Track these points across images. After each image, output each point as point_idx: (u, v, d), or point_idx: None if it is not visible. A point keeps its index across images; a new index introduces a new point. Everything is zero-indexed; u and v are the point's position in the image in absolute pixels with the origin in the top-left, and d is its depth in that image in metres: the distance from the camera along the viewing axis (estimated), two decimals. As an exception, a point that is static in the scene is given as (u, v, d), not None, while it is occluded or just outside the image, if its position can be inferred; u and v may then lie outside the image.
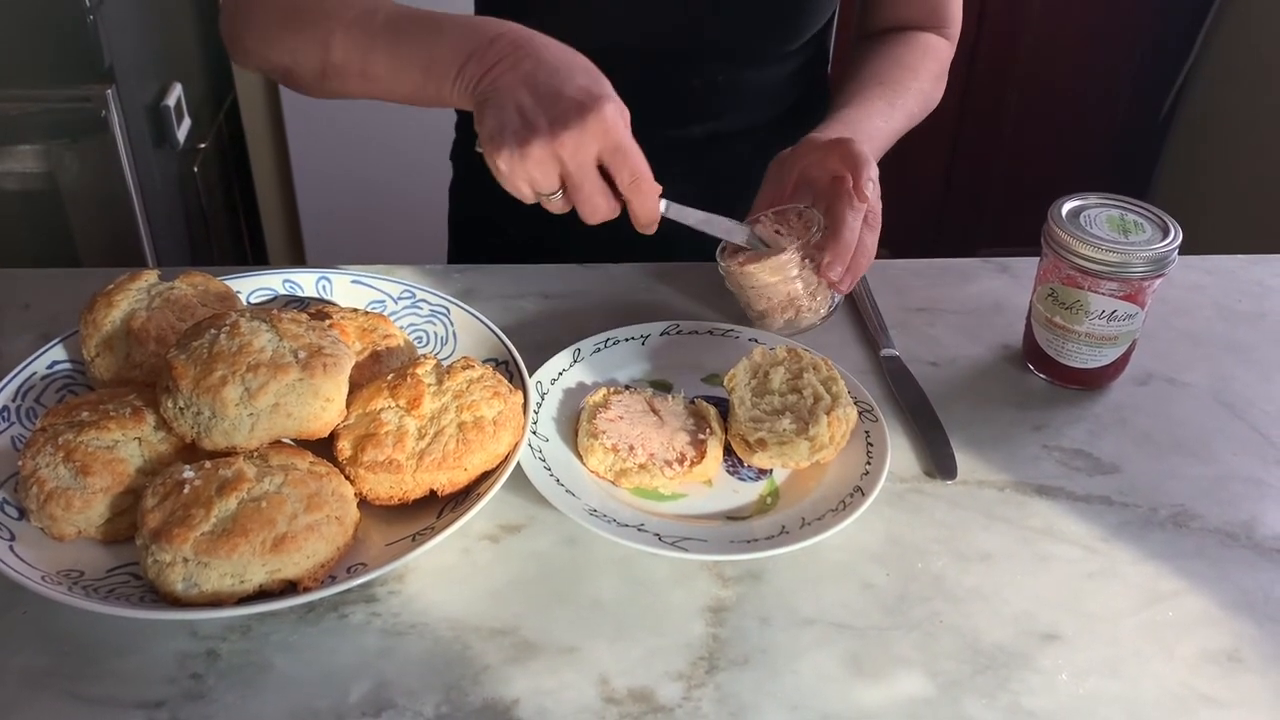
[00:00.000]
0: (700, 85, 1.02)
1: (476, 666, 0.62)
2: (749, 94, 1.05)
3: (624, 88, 1.01)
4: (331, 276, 0.86)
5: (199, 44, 2.16)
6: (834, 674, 0.62)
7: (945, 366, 0.88)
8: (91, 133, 1.66)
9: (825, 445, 0.73)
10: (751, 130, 1.07)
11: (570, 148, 0.70)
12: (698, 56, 1.01)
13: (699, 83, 1.02)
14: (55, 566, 0.64)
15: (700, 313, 0.93)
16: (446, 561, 0.68)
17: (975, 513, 0.74)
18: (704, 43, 1.00)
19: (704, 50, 1.00)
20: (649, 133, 1.04)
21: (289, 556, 0.61)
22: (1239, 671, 0.63)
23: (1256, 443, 0.81)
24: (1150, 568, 0.70)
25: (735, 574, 0.68)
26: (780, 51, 1.03)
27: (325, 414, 0.68)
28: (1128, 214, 0.82)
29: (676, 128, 1.05)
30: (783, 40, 1.01)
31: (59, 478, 0.65)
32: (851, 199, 0.81)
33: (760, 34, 1.00)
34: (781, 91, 1.07)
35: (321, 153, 2.25)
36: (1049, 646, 0.64)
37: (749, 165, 1.08)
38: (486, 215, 1.17)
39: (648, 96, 1.02)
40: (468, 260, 1.11)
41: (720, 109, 1.05)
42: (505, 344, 0.80)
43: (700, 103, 1.04)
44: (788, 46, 1.02)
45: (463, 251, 1.22)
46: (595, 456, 0.74)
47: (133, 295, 0.76)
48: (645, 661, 0.63)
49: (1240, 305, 0.97)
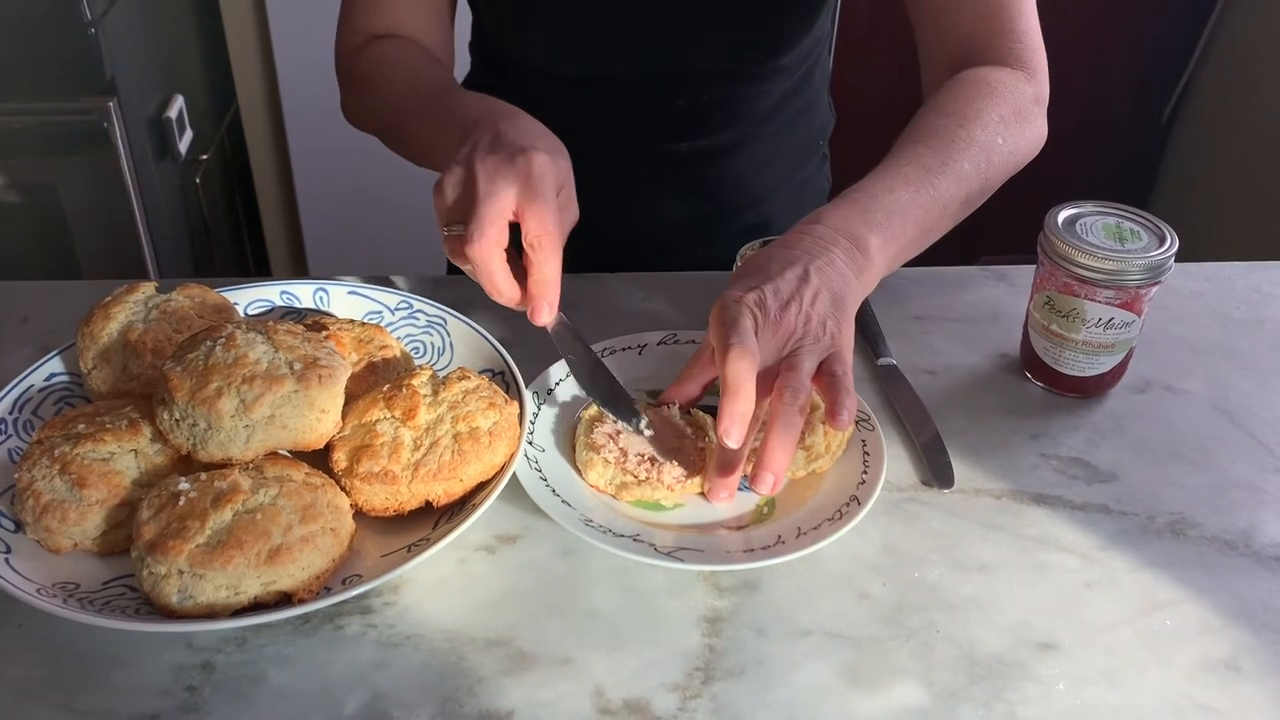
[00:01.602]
0: (686, 105, 1.02)
1: (472, 678, 0.62)
2: (738, 111, 1.05)
3: (612, 109, 1.03)
4: (329, 287, 0.86)
5: (201, 56, 2.17)
6: (830, 685, 0.62)
7: (942, 375, 0.88)
8: (93, 145, 1.66)
9: (821, 455, 0.73)
10: (743, 145, 1.07)
11: (488, 171, 0.70)
12: (682, 78, 1.01)
13: (684, 103, 1.02)
14: (51, 579, 0.64)
15: (697, 322, 0.93)
16: (442, 573, 0.68)
17: (972, 522, 0.74)
18: (687, 65, 1.00)
19: (688, 72, 1.01)
20: (638, 149, 1.05)
21: (284, 568, 0.61)
22: (1237, 680, 0.63)
23: (1255, 450, 0.81)
24: (1148, 576, 0.70)
25: (731, 584, 0.68)
26: (766, 69, 1.02)
27: (320, 425, 0.68)
28: (1124, 222, 0.82)
29: (665, 143, 1.05)
30: (765, 59, 1.01)
31: (55, 490, 0.65)
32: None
33: (741, 54, 1.00)
34: (773, 107, 1.06)
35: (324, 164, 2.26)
36: (1046, 656, 0.64)
37: (741, 179, 1.09)
38: None
39: (635, 117, 1.03)
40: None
41: (709, 126, 1.04)
42: (502, 355, 0.80)
43: (688, 121, 1.04)
44: (772, 64, 1.01)
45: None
46: (595, 470, 0.74)
47: (130, 307, 0.76)
48: (641, 672, 0.63)
49: (1238, 312, 0.97)
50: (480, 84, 1.13)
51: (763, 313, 0.70)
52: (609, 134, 1.04)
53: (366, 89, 0.95)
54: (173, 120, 1.88)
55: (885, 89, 2.32)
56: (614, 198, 1.07)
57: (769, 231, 1.01)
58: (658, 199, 1.08)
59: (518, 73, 1.05)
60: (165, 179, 1.87)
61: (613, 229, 1.09)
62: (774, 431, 0.67)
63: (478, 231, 0.70)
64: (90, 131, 1.65)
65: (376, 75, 0.94)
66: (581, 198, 0.77)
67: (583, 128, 1.03)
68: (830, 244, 0.73)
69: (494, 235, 0.70)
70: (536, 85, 1.03)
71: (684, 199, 1.08)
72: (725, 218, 1.11)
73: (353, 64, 0.97)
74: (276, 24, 2.10)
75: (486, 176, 0.70)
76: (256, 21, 2.16)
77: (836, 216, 0.75)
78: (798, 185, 1.14)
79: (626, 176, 1.07)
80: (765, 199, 1.11)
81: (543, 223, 0.71)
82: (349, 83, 0.98)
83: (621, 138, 1.04)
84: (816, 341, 0.70)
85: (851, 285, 0.73)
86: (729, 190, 1.09)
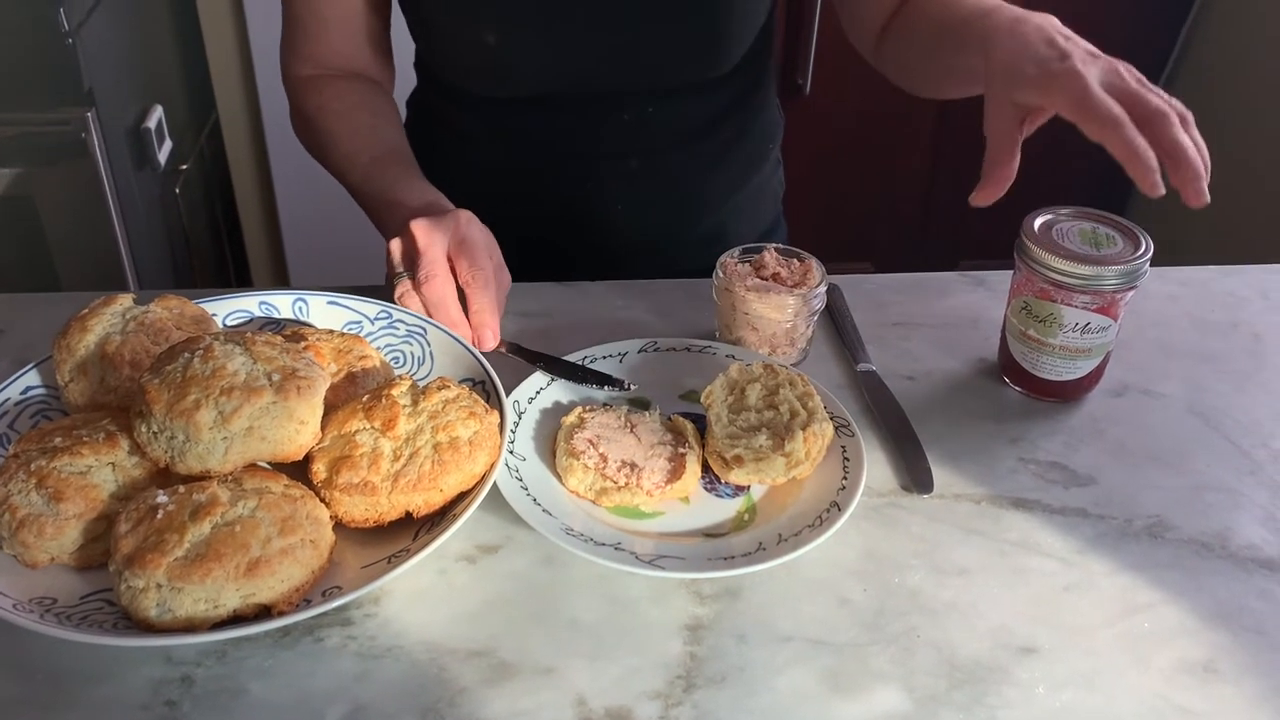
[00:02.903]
0: (631, 119, 1.02)
1: (453, 689, 0.62)
2: (685, 122, 1.05)
3: (558, 129, 1.03)
4: (308, 298, 0.86)
5: (180, 66, 2.17)
6: (811, 691, 0.62)
7: (921, 380, 0.88)
8: (72, 155, 1.66)
9: (801, 461, 0.74)
10: (694, 154, 1.07)
11: (424, 229, 0.83)
12: (624, 94, 1.01)
13: (629, 116, 1.02)
14: (27, 594, 0.63)
15: (676, 329, 0.94)
16: (423, 583, 0.68)
17: (952, 526, 0.74)
18: (627, 82, 1.00)
19: (630, 88, 1.01)
20: (588, 166, 1.06)
21: (263, 581, 0.61)
22: (1215, 682, 0.64)
23: (1230, 453, 0.82)
24: (1126, 579, 0.70)
25: (713, 591, 0.68)
26: (708, 81, 1.02)
27: (299, 437, 0.68)
28: (1100, 227, 0.83)
29: (614, 159, 1.05)
30: (705, 70, 1.01)
31: (31, 504, 0.64)
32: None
33: (681, 68, 1.00)
34: (721, 114, 1.06)
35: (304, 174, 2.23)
36: (1026, 659, 0.65)
37: (693, 190, 1.09)
38: None
39: (581, 135, 1.04)
40: None
41: (656, 139, 1.05)
42: (482, 364, 0.80)
43: (633, 135, 1.04)
44: (714, 74, 1.01)
45: None
46: (575, 476, 0.74)
47: (107, 319, 0.76)
48: (623, 681, 0.63)
49: (1213, 316, 0.98)
50: (425, 103, 1.13)
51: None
52: (556, 152, 1.05)
53: (310, 133, 1.04)
54: (152, 130, 1.87)
55: (865, 93, 2.34)
56: (571, 213, 1.08)
57: (726, 240, 1.01)
58: (611, 213, 1.08)
59: (461, 95, 1.05)
60: (144, 190, 1.86)
61: (572, 243, 1.10)
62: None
63: (428, 273, 0.82)
64: (68, 142, 1.64)
65: (320, 127, 1.02)
66: (540, 214, 0.84)
67: (530, 146, 1.05)
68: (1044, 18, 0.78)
69: (441, 274, 0.82)
70: (479, 106, 1.04)
71: (639, 212, 1.08)
72: (682, 228, 1.11)
73: (299, 96, 1.05)
74: (256, 33, 2.09)
75: (424, 232, 0.83)
76: (236, 31, 2.15)
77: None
78: (752, 192, 1.14)
79: (579, 193, 1.07)
80: (719, 207, 1.11)
81: (474, 262, 0.83)
82: (295, 112, 1.07)
83: (570, 155, 1.05)
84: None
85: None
86: (682, 201, 1.09)
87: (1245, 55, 2.28)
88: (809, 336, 0.88)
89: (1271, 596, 0.69)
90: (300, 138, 1.07)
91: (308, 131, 1.05)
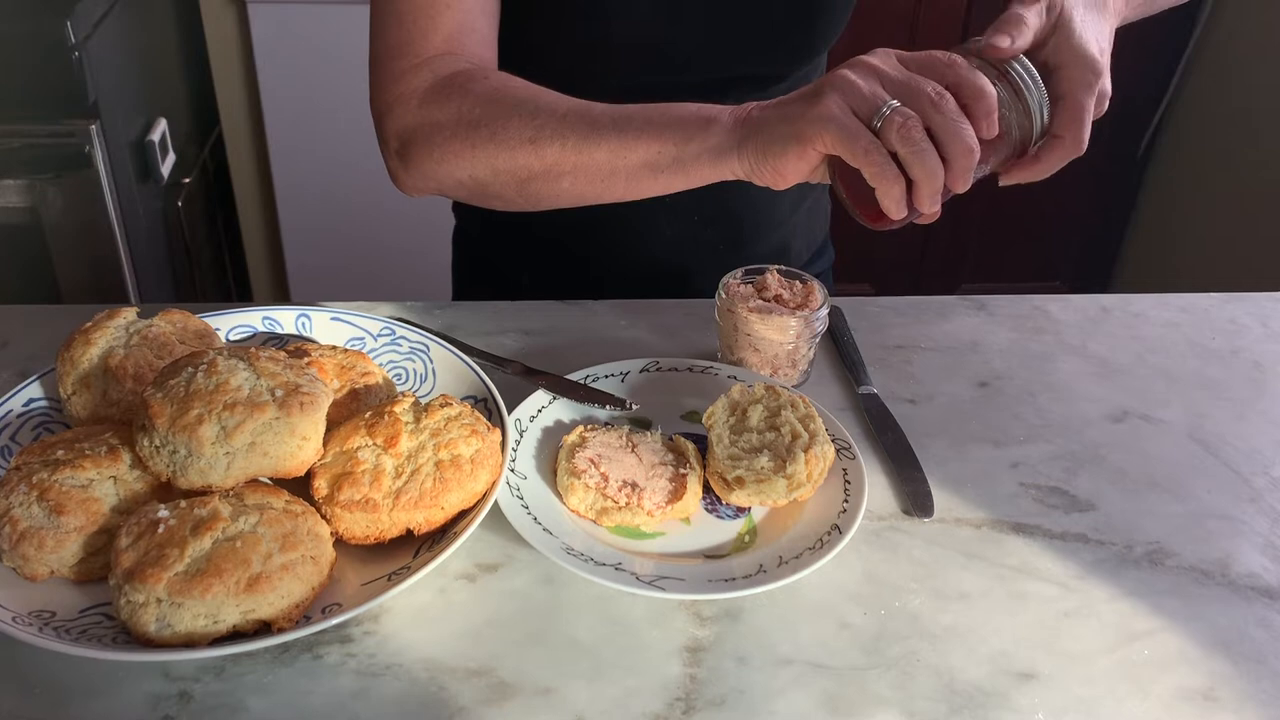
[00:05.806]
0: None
1: (452, 708, 0.62)
2: None
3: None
4: (311, 313, 0.86)
5: (184, 79, 2.18)
6: (810, 714, 0.62)
7: (923, 404, 0.88)
8: (75, 168, 1.66)
9: (803, 483, 0.74)
10: None
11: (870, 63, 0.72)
12: (725, 85, 0.99)
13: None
14: (27, 607, 0.63)
15: (679, 349, 0.94)
16: (422, 601, 0.68)
17: (952, 551, 0.74)
18: (731, 72, 0.99)
19: (731, 79, 1.00)
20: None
21: (263, 597, 0.61)
22: (1214, 711, 0.63)
23: (1230, 480, 0.82)
24: (1126, 606, 0.70)
25: (713, 613, 0.68)
26: (797, 72, 1.02)
27: (302, 453, 0.68)
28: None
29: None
30: (804, 59, 1.01)
31: (32, 517, 0.64)
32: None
33: (782, 58, 1.00)
34: None
35: (307, 189, 2.26)
36: (1025, 685, 0.64)
37: (763, 201, 1.08)
38: (486, 256, 1.17)
39: None
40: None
41: None
42: (484, 381, 0.80)
43: None
44: (806, 65, 1.02)
45: (469, 297, 1.21)
46: (576, 495, 0.74)
47: (111, 333, 0.76)
48: (622, 702, 0.62)
49: (1214, 343, 0.98)
50: None
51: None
52: None
53: (476, 132, 0.82)
54: (155, 143, 1.88)
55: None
56: (635, 226, 1.05)
57: (789, 256, 1.00)
58: (683, 225, 1.07)
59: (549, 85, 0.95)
60: (147, 202, 1.87)
61: (635, 260, 1.08)
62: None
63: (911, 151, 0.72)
64: (72, 154, 1.65)
65: (494, 112, 0.82)
66: (600, 228, 0.71)
67: None
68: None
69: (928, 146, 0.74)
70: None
71: (709, 224, 1.08)
72: (748, 242, 1.10)
73: (427, 106, 0.84)
74: (260, 47, 2.10)
75: (880, 59, 0.72)
76: (240, 45, 2.16)
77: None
78: (810, 206, 1.14)
79: (649, 203, 1.06)
80: (784, 221, 1.11)
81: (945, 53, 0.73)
82: (425, 133, 0.84)
83: None
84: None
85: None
86: (751, 213, 1.09)
87: (1250, 78, 2.29)
88: (810, 358, 0.89)
89: (1272, 625, 0.69)
90: (434, 157, 0.85)
91: (452, 133, 0.83)
